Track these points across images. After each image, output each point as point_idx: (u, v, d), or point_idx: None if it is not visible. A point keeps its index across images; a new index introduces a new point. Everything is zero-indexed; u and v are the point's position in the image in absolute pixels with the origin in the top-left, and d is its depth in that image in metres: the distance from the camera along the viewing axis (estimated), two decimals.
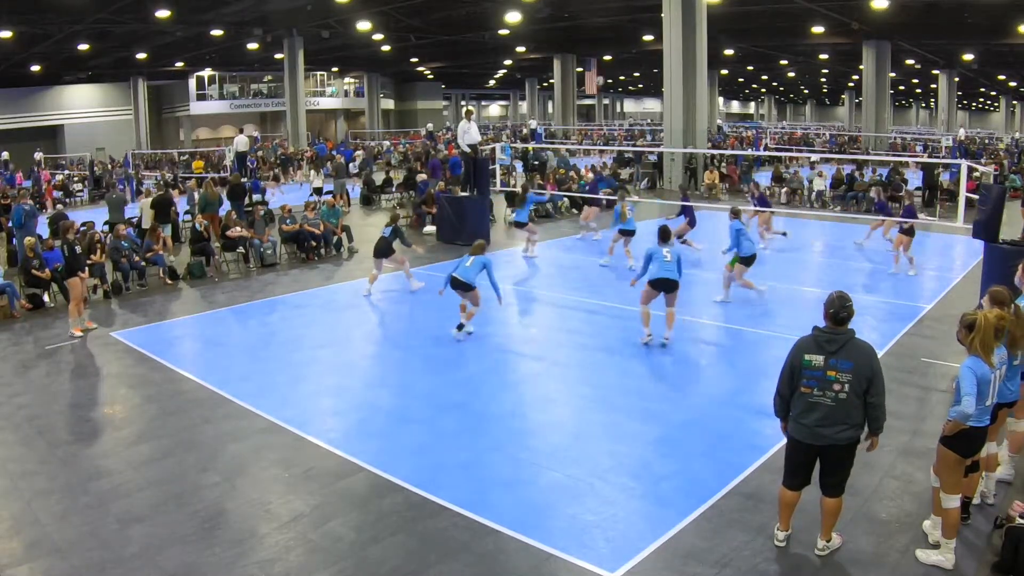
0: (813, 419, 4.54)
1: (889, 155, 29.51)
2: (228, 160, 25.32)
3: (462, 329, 9.35)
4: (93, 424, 7.20)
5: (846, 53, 36.49)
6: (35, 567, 4.79)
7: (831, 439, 4.52)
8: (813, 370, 4.51)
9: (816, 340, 4.54)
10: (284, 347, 9.30)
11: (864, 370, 4.43)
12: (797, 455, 4.74)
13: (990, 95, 61.60)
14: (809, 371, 4.52)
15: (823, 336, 4.52)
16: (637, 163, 26.43)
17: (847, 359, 4.44)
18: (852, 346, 4.47)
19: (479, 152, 16.05)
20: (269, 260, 14.22)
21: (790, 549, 4.88)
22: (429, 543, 4.99)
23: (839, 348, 4.46)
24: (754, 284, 10.79)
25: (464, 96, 67.28)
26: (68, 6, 24.04)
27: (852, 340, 4.48)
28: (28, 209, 14.20)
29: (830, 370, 4.46)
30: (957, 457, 4.58)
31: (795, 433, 4.68)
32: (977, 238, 9.14)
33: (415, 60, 45.80)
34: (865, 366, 4.43)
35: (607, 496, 5.55)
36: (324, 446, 6.47)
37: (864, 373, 4.43)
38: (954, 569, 4.60)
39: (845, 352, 4.45)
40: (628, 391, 7.64)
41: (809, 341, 4.58)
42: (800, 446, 4.68)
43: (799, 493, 4.81)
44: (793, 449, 4.76)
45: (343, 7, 27.96)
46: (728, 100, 79.71)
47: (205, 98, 46.58)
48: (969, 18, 27.37)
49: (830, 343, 4.49)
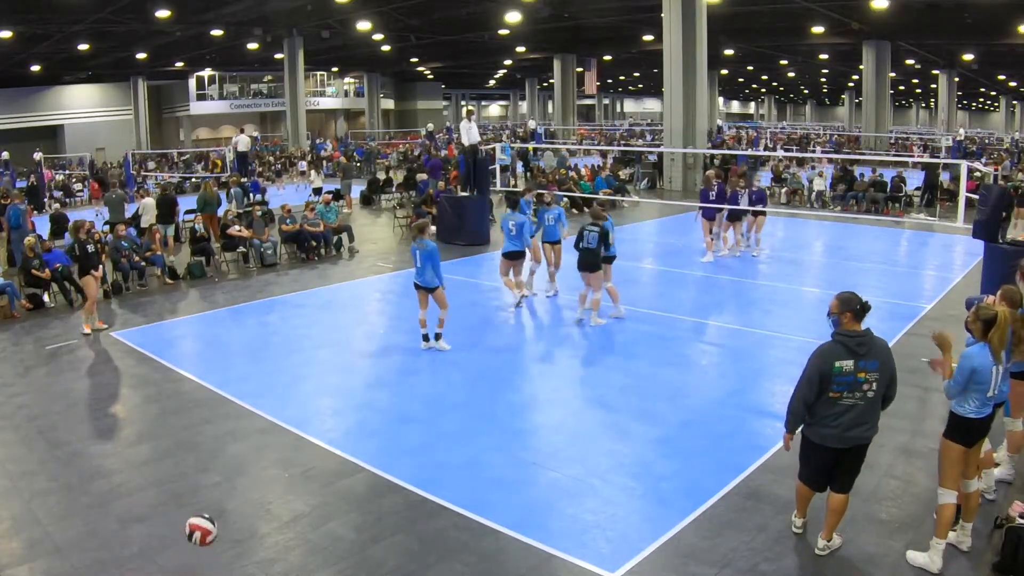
0: (844, 422, 4.48)
1: (890, 155, 29.50)
2: (229, 160, 25.34)
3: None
4: (93, 424, 7.20)
5: (846, 53, 36.46)
6: (35, 567, 4.79)
7: (858, 439, 4.53)
8: (844, 376, 4.43)
9: (846, 346, 4.43)
10: (284, 347, 9.30)
11: (888, 367, 4.47)
12: (819, 459, 4.67)
13: (990, 95, 61.55)
14: (840, 377, 4.43)
15: (852, 340, 4.43)
16: (637, 163, 26.43)
17: (874, 359, 4.44)
18: (876, 346, 4.48)
19: (479, 152, 16.05)
20: (269, 260, 14.22)
21: (790, 549, 4.88)
22: (429, 543, 4.99)
23: (868, 351, 4.45)
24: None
25: (464, 96, 67.26)
26: (68, 6, 24.04)
27: (874, 339, 4.49)
28: (23, 209, 14.19)
29: (860, 372, 4.43)
30: (960, 448, 4.59)
31: (819, 439, 4.59)
32: (977, 238, 9.14)
33: (415, 60, 45.78)
34: (888, 363, 4.47)
35: (607, 496, 5.54)
36: (324, 446, 6.47)
37: (888, 371, 4.47)
38: (953, 569, 4.59)
39: (872, 353, 4.45)
40: (628, 391, 7.63)
41: (837, 348, 4.45)
42: (823, 450, 4.60)
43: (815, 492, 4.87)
44: (814, 452, 4.67)
45: (343, 7, 27.96)
46: (728, 100, 79.68)
47: (205, 98, 46.57)
48: (969, 18, 27.34)
49: (861, 346, 4.43)
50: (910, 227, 17.92)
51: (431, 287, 8.57)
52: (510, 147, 24.16)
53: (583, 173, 22.80)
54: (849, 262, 13.80)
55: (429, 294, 8.63)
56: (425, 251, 8.46)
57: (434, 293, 8.61)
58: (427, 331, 8.85)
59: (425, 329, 8.85)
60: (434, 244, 8.66)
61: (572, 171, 22.86)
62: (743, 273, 12.90)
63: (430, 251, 8.48)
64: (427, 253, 8.46)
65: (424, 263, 8.47)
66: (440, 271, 8.56)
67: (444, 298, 8.67)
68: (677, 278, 12.75)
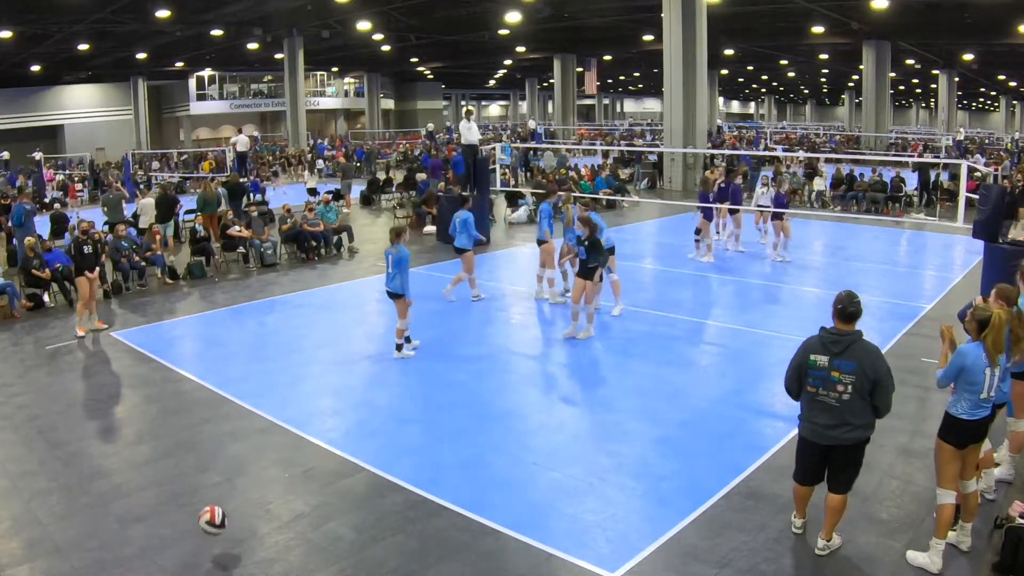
0: (821, 420, 4.58)
1: (890, 155, 29.50)
2: (229, 160, 25.32)
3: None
4: (93, 424, 7.20)
5: (846, 53, 36.47)
6: (35, 567, 4.79)
7: (838, 439, 4.54)
8: (818, 370, 4.54)
9: (821, 340, 4.57)
10: (284, 347, 9.30)
11: (868, 372, 4.42)
12: (806, 454, 4.79)
13: (990, 95, 61.58)
14: (814, 371, 4.55)
15: (828, 336, 4.54)
16: (637, 163, 26.43)
17: (851, 360, 4.44)
18: (857, 347, 4.47)
19: (479, 152, 16.05)
20: (269, 260, 14.22)
21: (790, 549, 4.88)
22: (429, 543, 4.99)
23: (844, 349, 4.46)
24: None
25: (464, 96, 67.27)
26: (68, 6, 24.05)
27: (858, 342, 4.48)
28: (29, 209, 14.20)
29: (833, 371, 4.48)
30: (952, 449, 4.60)
31: (804, 432, 4.73)
32: (977, 238, 9.14)
33: (415, 60, 45.81)
34: (869, 368, 4.42)
35: (607, 496, 5.54)
36: (324, 446, 6.47)
37: (867, 375, 4.42)
38: (953, 569, 4.59)
39: (849, 353, 4.45)
40: (628, 391, 7.63)
41: (815, 341, 4.61)
42: (808, 445, 4.73)
43: (812, 488, 4.88)
44: (802, 448, 4.81)
45: (343, 7, 27.97)
46: (728, 100, 79.68)
47: (205, 98, 46.60)
48: (969, 18, 27.36)
49: (835, 344, 4.49)
50: (910, 227, 17.93)
51: (397, 294, 8.43)
52: (510, 147, 24.15)
53: (583, 173, 22.80)
54: (849, 262, 13.80)
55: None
56: (398, 256, 8.32)
57: (397, 301, 8.46)
58: (408, 336, 8.74)
59: (401, 339, 8.69)
60: (407, 251, 8.51)
61: (572, 171, 22.85)
62: (743, 273, 12.91)
63: (402, 257, 8.34)
64: (399, 259, 8.31)
65: (395, 269, 8.32)
66: (407, 281, 8.41)
67: (406, 308, 8.51)
68: (677, 278, 12.75)
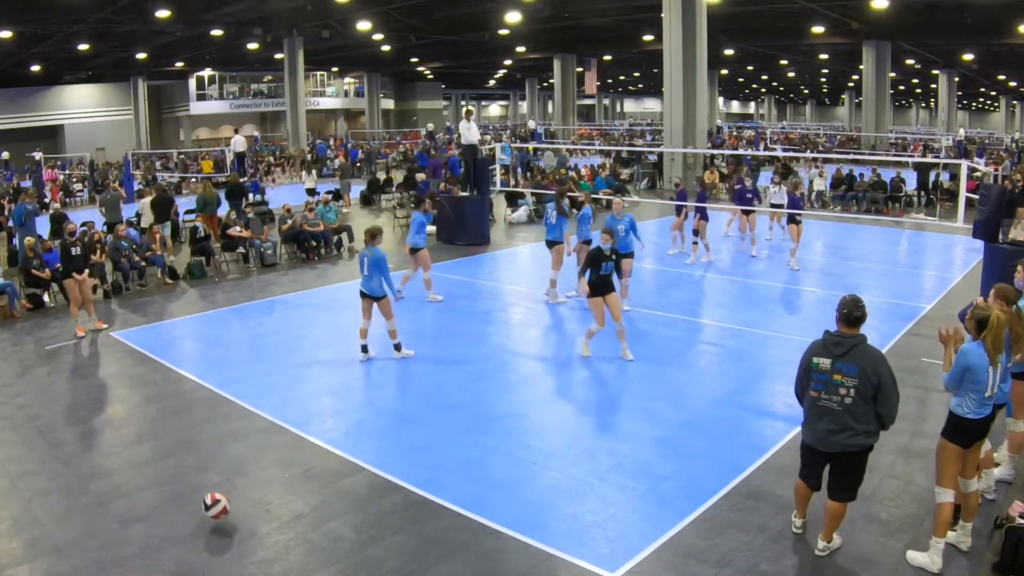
0: (823, 425, 4.55)
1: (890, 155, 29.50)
2: (228, 160, 25.34)
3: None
4: (93, 424, 7.20)
5: (846, 53, 36.46)
6: (35, 567, 4.79)
7: (840, 445, 4.52)
8: (820, 373, 4.52)
9: (824, 343, 4.56)
10: (284, 347, 9.30)
11: (870, 376, 4.40)
12: (809, 458, 4.77)
13: (990, 95, 61.55)
14: (817, 374, 4.54)
15: (831, 339, 4.54)
16: (637, 163, 26.43)
17: (853, 363, 4.43)
18: (860, 351, 4.45)
19: (479, 152, 16.06)
20: (269, 260, 14.22)
21: (790, 549, 4.88)
22: (429, 543, 4.99)
23: (845, 352, 4.45)
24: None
25: (464, 96, 67.26)
26: (68, 6, 24.03)
27: (861, 345, 4.47)
28: (30, 208, 14.19)
29: (836, 374, 4.46)
30: (957, 448, 4.60)
31: (807, 439, 4.70)
32: (977, 238, 9.14)
33: (415, 60, 45.78)
34: (871, 372, 4.40)
35: (607, 496, 5.55)
36: (324, 446, 6.47)
37: (870, 379, 4.40)
38: (953, 569, 4.59)
39: (851, 357, 4.44)
40: (628, 391, 7.64)
41: (818, 344, 4.61)
42: (809, 450, 4.71)
43: (813, 490, 4.88)
44: (805, 451, 4.80)
45: (343, 7, 27.95)
46: (728, 100, 79.66)
47: (205, 98, 46.56)
48: (969, 18, 27.33)
49: (837, 346, 4.48)
50: (910, 227, 17.93)
51: (377, 296, 8.34)
52: (510, 147, 24.16)
53: (583, 173, 22.80)
54: (849, 262, 13.80)
55: (375, 303, 8.39)
56: (373, 258, 8.24)
57: (380, 302, 8.39)
58: (366, 342, 8.61)
59: (365, 340, 8.59)
60: (383, 252, 8.45)
61: (572, 171, 22.85)
62: (743, 273, 12.91)
63: (378, 259, 8.26)
64: (375, 260, 8.24)
65: (372, 271, 8.24)
66: (390, 280, 8.36)
67: (390, 308, 8.46)
68: (677, 278, 12.75)
